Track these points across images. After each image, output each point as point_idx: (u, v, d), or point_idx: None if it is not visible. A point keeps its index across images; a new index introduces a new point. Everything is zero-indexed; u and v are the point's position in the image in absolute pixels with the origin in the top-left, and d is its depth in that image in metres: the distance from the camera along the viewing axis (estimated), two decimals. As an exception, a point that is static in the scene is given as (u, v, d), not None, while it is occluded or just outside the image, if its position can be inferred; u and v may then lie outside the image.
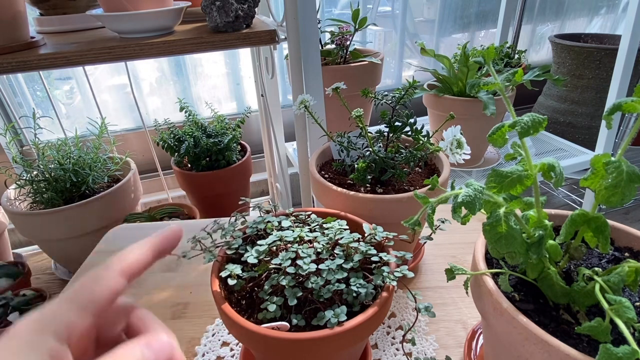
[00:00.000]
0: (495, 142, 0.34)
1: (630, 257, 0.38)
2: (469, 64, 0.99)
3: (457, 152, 0.53)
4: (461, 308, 0.57)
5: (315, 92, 0.86)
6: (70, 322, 0.21)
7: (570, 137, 1.53)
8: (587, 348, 0.30)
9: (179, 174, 1.36)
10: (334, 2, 1.57)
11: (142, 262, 0.25)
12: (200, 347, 0.53)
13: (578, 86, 1.54)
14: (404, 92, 0.59)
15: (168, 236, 0.27)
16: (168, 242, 0.27)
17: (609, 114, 0.30)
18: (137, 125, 1.53)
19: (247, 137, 1.63)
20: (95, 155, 1.22)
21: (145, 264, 0.25)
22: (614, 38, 1.62)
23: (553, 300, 0.34)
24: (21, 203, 1.17)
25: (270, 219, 0.46)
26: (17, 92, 1.38)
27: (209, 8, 0.78)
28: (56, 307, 0.21)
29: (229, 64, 1.56)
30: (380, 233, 0.42)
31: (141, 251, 0.25)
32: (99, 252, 0.73)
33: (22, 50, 0.73)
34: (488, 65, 0.37)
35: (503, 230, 0.31)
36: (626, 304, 0.26)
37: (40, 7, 0.93)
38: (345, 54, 1.11)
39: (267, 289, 0.38)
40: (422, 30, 1.73)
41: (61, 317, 0.21)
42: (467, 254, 0.67)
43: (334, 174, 0.62)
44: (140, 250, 0.25)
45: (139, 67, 1.45)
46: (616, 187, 0.29)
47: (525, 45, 1.90)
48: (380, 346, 0.52)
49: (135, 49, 0.74)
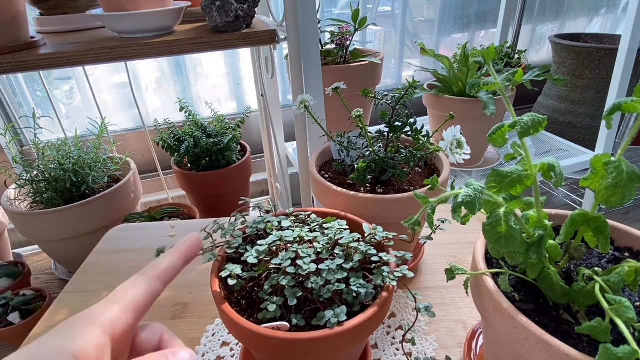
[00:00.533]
0: (495, 142, 0.34)
1: (630, 257, 0.38)
2: (469, 64, 0.99)
3: (457, 152, 0.53)
4: (461, 308, 0.57)
5: (315, 92, 0.86)
6: (114, 318, 0.24)
7: (570, 137, 1.53)
8: (587, 348, 0.30)
9: (179, 174, 1.36)
10: (334, 2, 1.57)
11: (173, 267, 0.28)
12: (200, 347, 0.53)
13: (578, 86, 1.54)
14: (404, 92, 0.59)
15: (192, 244, 0.30)
16: (192, 249, 0.30)
17: (609, 114, 0.30)
18: (137, 125, 1.53)
19: (247, 137, 1.63)
20: (95, 155, 1.22)
21: (176, 268, 0.29)
22: (614, 38, 1.62)
23: (553, 300, 0.34)
24: (21, 203, 1.17)
25: (270, 219, 0.46)
26: (17, 92, 1.38)
27: (209, 8, 0.78)
28: (102, 306, 0.24)
29: (229, 64, 1.56)
30: (380, 233, 0.42)
31: (172, 258, 0.29)
32: (99, 252, 0.73)
33: (22, 50, 0.73)
34: (488, 65, 0.37)
35: (503, 230, 0.31)
36: (626, 304, 0.26)
37: (40, 7, 0.93)
38: (345, 54, 1.11)
39: (267, 289, 0.38)
40: (422, 30, 1.73)
41: (107, 314, 0.24)
42: (467, 254, 0.67)
43: (334, 174, 0.62)
44: (172, 257, 0.29)
45: (139, 67, 1.45)
46: (616, 187, 0.29)
47: (525, 45, 1.90)
48: (380, 346, 0.52)
49: (135, 49, 0.74)
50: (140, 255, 0.71)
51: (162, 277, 0.27)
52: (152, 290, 0.26)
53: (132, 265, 0.69)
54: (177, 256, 0.29)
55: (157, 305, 0.60)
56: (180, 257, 0.29)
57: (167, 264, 0.28)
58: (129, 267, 0.68)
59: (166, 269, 0.28)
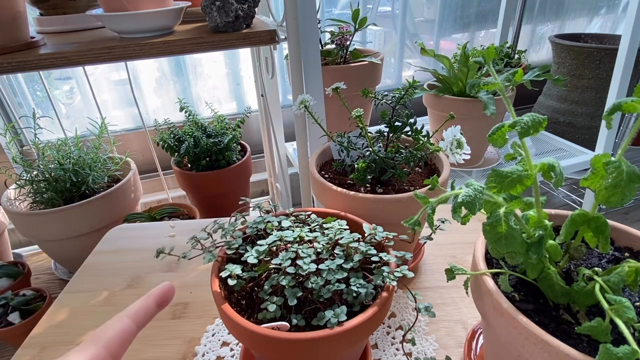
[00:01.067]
0: (495, 142, 0.34)
1: (630, 257, 0.38)
2: (469, 64, 0.99)
3: (457, 152, 0.53)
4: (461, 308, 0.57)
5: (315, 92, 0.86)
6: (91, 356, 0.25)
7: (570, 137, 1.53)
8: (587, 348, 0.30)
9: (179, 174, 1.36)
10: (334, 2, 1.57)
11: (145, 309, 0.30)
12: (200, 347, 0.53)
13: (578, 86, 1.54)
14: (404, 92, 0.59)
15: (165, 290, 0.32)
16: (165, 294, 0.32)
17: (609, 114, 0.30)
18: (137, 125, 1.53)
19: (247, 137, 1.63)
20: (95, 155, 1.22)
21: (148, 310, 0.30)
22: (614, 38, 1.62)
23: (553, 300, 0.34)
24: (21, 203, 1.17)
25: (270, 219, 0.46)
26: (17, 92, 1.38)
27: (209, 8, 0.78)
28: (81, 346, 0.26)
29: (229, 64, 1.56)
30: (380, 233, 0.42)
31: (145, 301, 0.31)
32: (98, 252, 0.73)
33: (22, 50, 0.73)
34: (488, 65, 0.37)
35: (503, 230, 0.31)
36: (626, 304, 0.26)
37: (40, 7, 0.93)
38: (345, 54, 1.11)
39: (267, 289, 0.38)
40: (422, 30, 1.73)
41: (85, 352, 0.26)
42: (467, 254, 0.67)
43: (334, 174, 0.62)
44: (145, 300, 0.31)
45: (139, 67, 1.45)
46: (616, 187, 0.29)
47: (525, 45, 1.90)
48: (380, 346, 0.52)
49: (135, 49, 0.74)
50: (140, 255, 0.71)
51: (133, 316, 0.29)
52: (121, 328, 0.28)
53: (132, 265, 0.69)
54: (151, 300, 0.31)
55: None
56: (152, 301, 0.31)
57: (139, 306, 0.30)
58: (128, 267, 0.68)
59: (138, 310, 0.30)
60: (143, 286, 0.64)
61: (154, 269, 0.68)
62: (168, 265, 0.69)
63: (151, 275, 0.67)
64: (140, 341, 0.54)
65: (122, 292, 0.63)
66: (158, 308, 0.31)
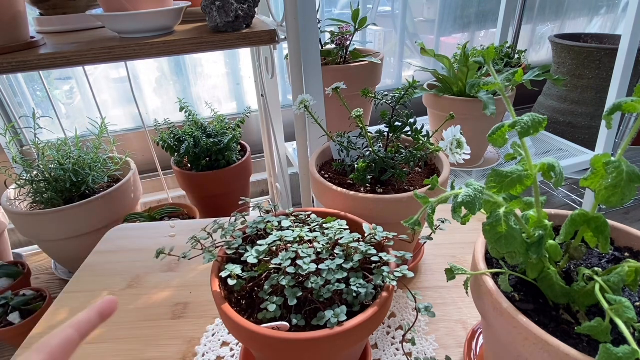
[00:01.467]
0: (495, 142, 0.34)
1: (630, 257, 0.38)
2: (469, 64, 0.99)
3: (457, 152, 0.53)
4: (461, 308, 0.57)
5: (315, 92, 0.86)
6: None
7: (570, 137, 1.53)
8: (587, 348, 0.30)
9: (179, 174, 1.36)
10: (334, 2, 1.57)
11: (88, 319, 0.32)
12: (200, 347, 0.53)
13: (578, 86, 1.54)
14: (404, 92, 0.59)
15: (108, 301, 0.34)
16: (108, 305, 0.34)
17: (609, 114, 0.30)
18: (137, 125, 1.53)
19: (247, 137, 1.63)
20: (95, 155, 1.22)
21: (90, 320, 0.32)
22: (614, 38, 1.62)
23: (553, 300, 0.34)
24: (21, 203, 1.17)
25: (270, 219, 0.46)
26: (17, 92, 1.38)
27: (209, 8, 0.78)
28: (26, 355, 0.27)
29: (229, 64, 1.56)
30: (380, 233, 0.42)
31: (88, 312, 0.32)
32: (98, 252, 0.73)
33: (22, 50, 0.73)
34: (488, 65, 0.37)
35: (503, 230, 0.31)
36: (626, 304, 0.26)
37: (40, 7, 0.93)
38: (345, 54, 1.11)
39: (267, 289, 0.38)
40: (422, 30, 1.73)
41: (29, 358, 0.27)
42: (467, 254, 0.67)
43: (334, 174, 0.62)
44: (87, 312, 0.32)
45: (139, 67, 1.45)
46: (616, 187, 0.29)
47: (525, 45, 1.90)
48: (380, 346, 0.52)
49: (135, 49, 0.74)
50: (140, 255, 0.71)
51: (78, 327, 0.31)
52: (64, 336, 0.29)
53: (132, 265, 0.69)
54: (94, 312, 0.33)
55: (158, 305, 0.60)
56: (95, 313, 0.33)
57: (82, 318, 0.32)
58: (128, 267, 0.68)
59: (81, 321, 0.31)
60: (143, 286, 0.64)
61: (154, 269, 0.68)
62: (168, 265, 0.69)
63: (151, 275, 0.67)
64: (141, 341, 0.54)
65: (122, 292, 0.63)
66: (101, 319, 0.33)
